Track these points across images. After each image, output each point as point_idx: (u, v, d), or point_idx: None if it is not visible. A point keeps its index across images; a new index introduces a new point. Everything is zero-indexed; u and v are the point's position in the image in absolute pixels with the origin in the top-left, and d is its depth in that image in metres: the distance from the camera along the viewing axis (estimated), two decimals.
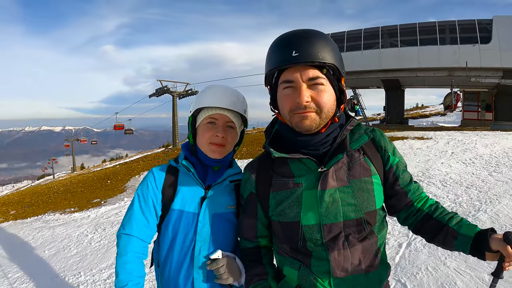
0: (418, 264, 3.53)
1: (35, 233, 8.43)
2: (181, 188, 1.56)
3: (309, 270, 1.26)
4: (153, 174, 1.59)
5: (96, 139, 43.18)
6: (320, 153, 1.26)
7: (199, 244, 1.50)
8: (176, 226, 1.53)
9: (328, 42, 1.19)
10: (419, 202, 1.36)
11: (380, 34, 24.10)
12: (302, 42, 1.14)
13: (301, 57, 1.12)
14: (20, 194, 23.26)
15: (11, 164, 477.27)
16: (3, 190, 56.88)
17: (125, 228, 1.53)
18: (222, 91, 1.56)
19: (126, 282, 1.41)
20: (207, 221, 1.52)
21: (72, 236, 7.40)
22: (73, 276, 5.06)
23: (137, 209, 1.54)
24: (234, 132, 1.60)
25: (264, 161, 1.39)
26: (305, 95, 1.16)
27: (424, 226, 1.32)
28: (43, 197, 16.45)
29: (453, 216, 1.28)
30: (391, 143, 1.36)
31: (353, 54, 24.67)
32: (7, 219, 12.49)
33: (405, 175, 1.34)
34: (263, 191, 1.36)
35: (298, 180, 1.27)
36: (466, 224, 1.23)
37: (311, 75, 1.16)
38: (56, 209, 12.09)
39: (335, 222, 1.21)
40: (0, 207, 16.63)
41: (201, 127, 1.57)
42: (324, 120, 1.21)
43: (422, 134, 13.78)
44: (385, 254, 1.34)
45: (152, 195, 1.55)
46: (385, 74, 24.30)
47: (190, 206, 1.53)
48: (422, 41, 22.51)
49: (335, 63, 1.17)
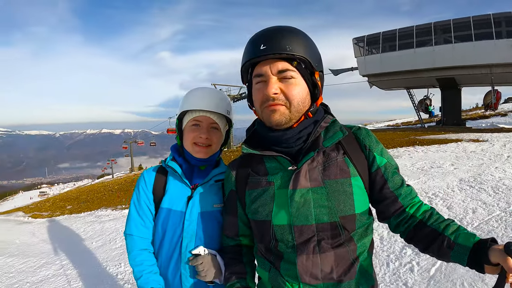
0: (453, 279, 3.28)
1: (86, 226, 9.02)
2: (169, 188, 1.62)
3: (278, 272, 1.22)
4: (144, 177, 1.66)
5: (155, 141, 45.02)
6: (293, 151, 1.21)
7: (186, 241, 1.55)
8: (165, 224, 1.59)
9: (299, 35, 1.16)
10: (412, 207, 1.22)
11: (433, 31, 22.78)
12: (271, 36, 1.14)
13: (268, 49, 1.11)
14: (78, 191, 24.89)
15: (73, 164, 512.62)
16: (64, 187, 61.00)
17: (126, 229, 1.65)
18: (205, 94, 1.61)
19: (141, 273, 1.52)
20: (193, 219, 1.57)
21: (119, 230, 7.80)
22: (114, 266, 5.41)
23: (133, 211, 1.64)
24: (218, 133, 1.65)
25: (244, 159, 1.38)
26: (273, 87, 1.14)
27: (417, 235, 1.19)
28: (98, 194, 17.49)
29: (450, 224, 1.14)
30: (378, 143, 1.25)
31: (405, 52, 23.71)
32: (63, 213, 13.46)
33: (395, 177, 1.22)
34: (241, 188, 1.35)
35: (270, 179, 1.23)
36: (463, 233, 1.09)
37: (280, 67, 1.14)
38: (108, 205, 12.81)
39: (306, 224, 1.15)
40: (59, 202, 17.94)
41: (187, 129, 1.62)
42: (294, 114, 1.17)
43: (478, 136, 12.92)
44: (368, 265, 1.23)
45: (144, 197, 1.62)
46: (439, 72, 23.01)
47: (177, 205, 1.59)
48: (477, 35, 20.96)
49: (306, 56, 1.14)
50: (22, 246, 7.43)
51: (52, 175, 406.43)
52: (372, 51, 26.24)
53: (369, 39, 25.83)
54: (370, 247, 1.25)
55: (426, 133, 17.65)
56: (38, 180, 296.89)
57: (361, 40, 26.18)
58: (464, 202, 5.43)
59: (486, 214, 4.82)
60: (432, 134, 16.42)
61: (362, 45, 26.21)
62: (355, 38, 26.58)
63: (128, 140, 55.53)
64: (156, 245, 1.63)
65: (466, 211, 5.05)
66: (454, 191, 6.09)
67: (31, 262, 5.95)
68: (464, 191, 5.98)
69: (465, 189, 6.09)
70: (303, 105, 1.18)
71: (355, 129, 1.28)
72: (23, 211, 17.22)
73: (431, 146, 11.43)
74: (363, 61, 26.09)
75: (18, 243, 7.80)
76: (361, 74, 26.50)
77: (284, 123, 1.17)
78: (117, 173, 61.00)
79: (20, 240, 8.22)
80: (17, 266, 5.74)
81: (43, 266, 5.71)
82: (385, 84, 27.72)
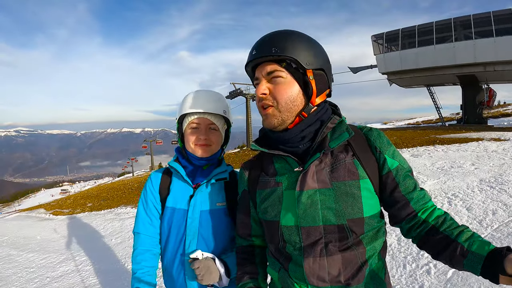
0: (471, 283, 3.19)
1: (106, 224, 9.17)
2: (173, 188, 1.68)
3: (287, 273, 1.22)
4: (151, 179, 1.74)
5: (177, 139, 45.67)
6: (300, 151, 1.21)
7: (189, 238, 1.60)
8: (170, 222, 1.65)
9: (288, 37, 1.17)
10: (424, 212, 1.17)
11: (453, 27, 22.34)
12: (262, 42, 1.18)
13: (257, 54, 1.17)
14: (99, 189, 25.33)
15: (94, 162, 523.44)
16: (85, 185, 62.34)
17: (134, 228, 1.71)
18: (201, 96, 1.66)
19: (136, 270, 1.58)
20: (196, 217, 1.61)
21: None
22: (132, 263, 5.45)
23: (141, 210, 1.71)
24: (217, 133, 1.70)
25: (257, 159, 1.40)
26: (261, 88, 1.19)
27: (429, 241, 1.14)
28: (118, 192, 17.75)
29: (463, 230, 1.09)
30: (389, 145, 1.22)
31: (425, 49, 23.36)
32: (83, 210, 13.72)
33: (407, 181, 1.18)
34: (252, 188, 1.36)
35: (279, 179, 1.24)
36: (478, 241, 1.04)
37: (269, 69, 1.18)
38: (128, 203, 12.97)
39: (313, 225, 1.14)
40: (79, 200, 18.31)
41: (186, 131, 1.67)
42: (285, 114, 1.18)
43: (500, 135, 12.56)
44: (379, 268, 1.20)
45: (151, 197, 1.69)
46: (460, 69, 22.56)
47: (181, 203, 1.65)
48: (498, 31, 20.48)
49: (293, 55, 1.14)
50: (43, 242, 7.62)
51: (73, 173, 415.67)
52: (391, 48, 25.93)
53: (388, 36, 25.52)
54: (382, 250, 1.22)
55: (446, 131, 17.30)
56: (59, 178, 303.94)
57: (380, 37, 25.89)
58: (484, 203, 5.30)
59: (506, 216, 4.71)
60: (452, 132, 16.09)
61: (381, 42, 25.94)
62: (374, 35, 26.32)
63: (148, 139, 56.38)
64: (162, 243, 1.68)
65: (486, 212, 4.94)
66: (474, 191, 5.95)
67: (51, 258, 6.09)
68: (485, 192, 5.84)
69: (485, 190, 5.95)
70: (294, 105, 1.18)
71: (366, 130, 1.25)
72: (45, 208, 17.63)
73: (452, 145, 11.20)
74: (382, 59, 25.81)
75: (39, 239, 8.00)
76: (380, 71, 26.23)
77: (278, 125, 1.19)
78: (137, 171, 62.03)
79: (41, 236, 8.43)
80: (37, 261, 5.90)
81: (62, 262, 5.84)
82: (405, 82, 27.34)
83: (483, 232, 4.32)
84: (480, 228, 4.45)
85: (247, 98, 33.31)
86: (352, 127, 1.25)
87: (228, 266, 1.55)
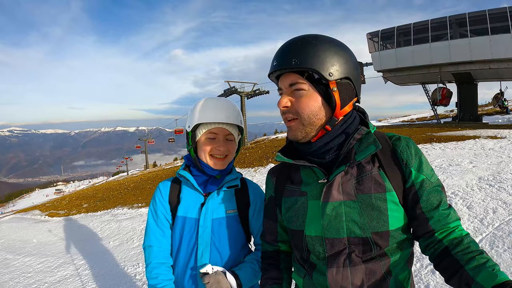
0: None
1: (103, 225, 9.10)
2: (183, 197, 1.64)
3: (312, 281, 1.20)
4: (159, 189, 1.69)
5: (174, 138, 45.38)
6: (326, 161, 1.18)
7: (201, 248, 1.57)
8: (181, 231, 1.61)
9: (309, 45, 1.11)
10: (443, 233, 1.10)
11: (448, 25, 22.40)
12: (282, 51, 1.14)
13: (277, 66, 1.13)
14: (94, 189, 25.20)
15: (88, 162, 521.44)
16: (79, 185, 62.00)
17: (145, 241, 1.66)
18: (218, 106, 1.62)
19: (155, 285, 1.53)
20: (207, 225, 1.58)
21: (137, 230, 7.87)
22: (132, 266, 5.42)
23: (152, 222, 1.66)
24: (233, 143, 1.68)
25: (284, 166, 1.37)
26: (283, 101, 1.16)
27: (441, 263, 1.08)
28: (114, 193, 17.65)
29: (475, 256, 1.00)
30: (417, 156, 1.15)
31: (420, 47, 23.42)
32: (79, 211, 13.61)
33: (431, 196, 1.11)
34: (279, 195, 1.35)
35: (304, 189, 1.22)
36: (486, 271, 0.95)
37: (290, 81, 1.15)
38: (125, 204, 12.90)
39: (337, 237, 1.12)
40: (75, 201, 18.17)
41: (202, 141, 1.62)
42: (309, 127, 1.14)
43: (496, 133, 12.62)
44: (404, 279, 1.15)
45: (161, 208, 1.65)
46: (455, 67, 22.65)
47: (192, 212, 1.61)
48: (494, 29, 20.55)
49: (314, 67, 1.08)
50: (39, 246, 7.53)
51: (67, 173, 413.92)
52: (386, 46, 25.98)
53: (383, 34, 25.55)
54: (408, 261, 1.18)
55: (443, 129, 17.35)
56: (54, 178, 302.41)
57: (375, 35, 25.92)
58: (484, 202, 5.32)
59: (506, 214, 4.73)
60: (449, 130, 16.14)
61: (376, 40, 25.97)
62: (369, 33, 26.34)
63: (142, 137, 56.29)
64: (173, 253, 1.64)
65: (487, 211, 4.95)
66: (474, 190, 5.97)
67: (49, 262, 6.02)
68: (484, 190, 5.86)
69: (484, 188, 5.97)
70: (316, 118, 1.14)
71: (394, 139, 1.19)
72: (40, 209, 17.46)
73: (449, 143, 11.23)
74: (377, 56, 25.85)
75: (35, 242, 7.91)
76: (375, 69, 26.26)
77: (301, 138, 1.17)
78: (131, 171, 61.82)
79: (37, 239, 8.33)
80: (34, 266, 5.82)
81: (60, 266, 5.77)
82: (400, 80, 27.40)
83: (484, 230, 4.33)
84: (482, 226, 4.46)
85: (241, 96, 33.20)
86: (380, 135, 1.20)
87: (240, 278, 1.51)
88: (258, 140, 37.49)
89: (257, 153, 17.23)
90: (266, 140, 32.08)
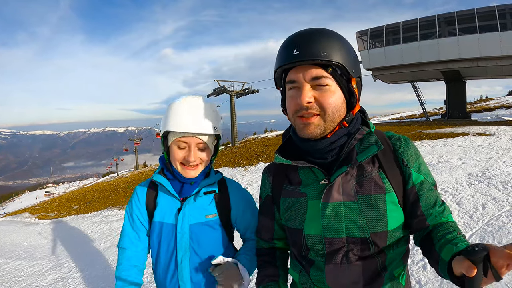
0: None
1: (93, 227, 9.01)
2: (160, 201, 1.60)
3: (308, 277, 1.22)
4: (136, 193, 1.65)
5: None
6: (327, 162, 1.17)
7: (181, 253, 1.54)
8: (159, 236, 1.58)
9: (334, 39, 1.09)
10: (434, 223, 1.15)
11: (437, 23, 22.65)
12: (305, 40, 1.07)
13: (301, 55, 1.05)
14: (84, 190, 24.98)
15: (78, 163, 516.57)
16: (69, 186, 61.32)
17: (120, 242, 1.65)
18: (191, 112, 1.48)
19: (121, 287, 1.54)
20: (185, 231, 1.54)
21: None
22: None
23: (127, 225, 1.64)
24: (207, 150, 1.55)
25: (280, 164, 1.33)
26: (307, 95, 1.07)
27: (422, 246, 1.14)
28: (104, 194, 17.52)
29: (445, 235, 1.04)
30: (417, 157, 1.17)
31: (409, 45, 23.63)
32: (70, 213, 13.48)
33: (429, 195, 1.14)
34: (276, 195, 1.34)
35: (303, 190, 1.21)
36: (449, 245, 0.97)
37: (314, 74, 1.07)
38: (115, 205, 12.82)
39: (336, 237, 1.13)
40: (65, 203, 18.00)
41: (172, 147, 1.51)
42: (329, 124, 1.11)
43: (484, 130, 12.83)
44: (400, 275, 1.17)
45: (137, 212, 1.61)
46: (444, 65, 22.90)
47: (168, 218, 1.57)
48: (482, 28, 20.81)
49: (342, 62, 1.06)
50: (30, 249, 7.43)
51: (57, 175, 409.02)
52: (375, 45, 26.15)
53: (372, 32, 25.73)
54: (404, 256, 1.20)
55: (432, 126, 17.54)
56: (43, 180, 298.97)
57: (365, 33, 26.09)
58: (473, 198, 5.39)
59: (496, 209, 4.80)
60: (438, 127, 16.32)
61: (365, 38, 26.14)
62: (358, 31, 26.52)
63: (132, 138, 56.02)
64: (153, 258, 1.64)
65: (476, 206, 5.02)
66: (463, 186, 6.04)
67: (40, 265, 5.94)
68: (473, 186, 5.94)
69: (474, 184, 6.05)
70: (338, 114, 1.11)
71: (394, 139, 1.20)
72: (30, 212, 17.28)
73: (438, 140, 11.36)
74: (366, 55, 26.01)
75: (26, 245, 7.81)
76: (365, 68, 26.41)
77: (319, 135, 1.12)
78: (121, 171, 61.41)
79: (27, 242, 8.22)
80: (25, 269, 5.73)
81: (51, 269, 5.70)
82: (389, 78, 27.61)
83: (474, 226, 4.39)
84: (472, 222, 4.52)
85: (231, 95, 33.15)
86: (380, 135, 1.20)
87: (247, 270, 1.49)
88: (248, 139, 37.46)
89: (247, 152, 17.25)
90: (256, 139, 32.10)
